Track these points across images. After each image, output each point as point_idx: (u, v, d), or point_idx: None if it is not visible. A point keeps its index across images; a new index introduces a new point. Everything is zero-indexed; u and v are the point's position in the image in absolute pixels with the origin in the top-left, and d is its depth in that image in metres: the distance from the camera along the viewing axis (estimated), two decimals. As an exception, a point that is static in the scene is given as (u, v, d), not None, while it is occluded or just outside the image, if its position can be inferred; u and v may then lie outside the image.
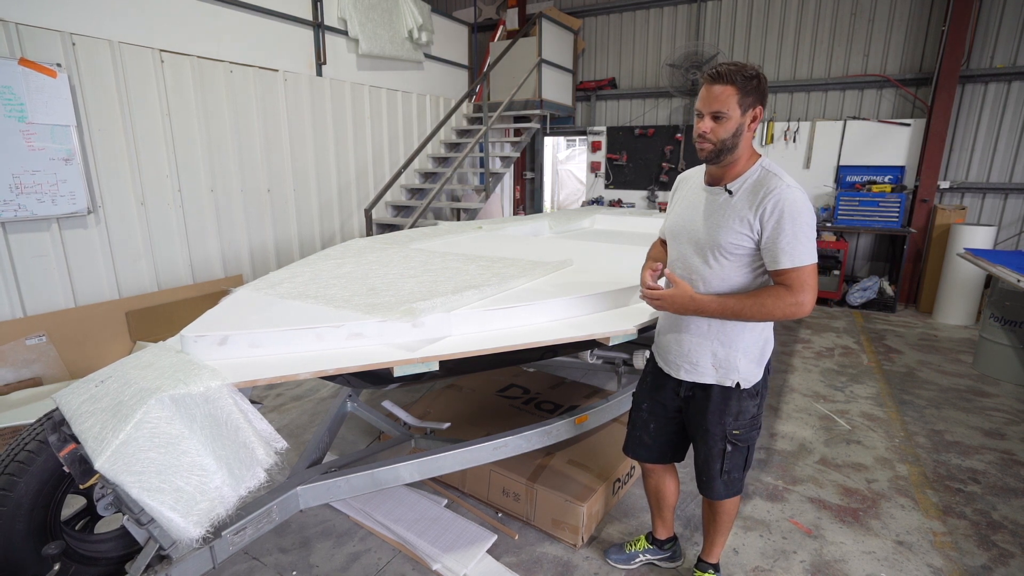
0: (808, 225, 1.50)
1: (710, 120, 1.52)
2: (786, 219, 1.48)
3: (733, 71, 1.48)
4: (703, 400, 1.78)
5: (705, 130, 1.53)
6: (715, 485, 1.84)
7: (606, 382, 3.76)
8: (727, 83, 1.48)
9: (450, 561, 2.20)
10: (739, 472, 1.84)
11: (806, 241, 1.49)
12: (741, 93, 1.49)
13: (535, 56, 6.88)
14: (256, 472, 1.46)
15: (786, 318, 1.52)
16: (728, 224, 1.57)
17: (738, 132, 1.52)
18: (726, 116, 1.50)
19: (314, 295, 2.03)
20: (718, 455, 1.79)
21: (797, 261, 1.49)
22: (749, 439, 1.80)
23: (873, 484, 2.81)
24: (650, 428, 1.97)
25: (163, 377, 1.47)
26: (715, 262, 1.62)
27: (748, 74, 1.49)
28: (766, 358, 1.76)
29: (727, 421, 1.75)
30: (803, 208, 1.49)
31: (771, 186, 1.52)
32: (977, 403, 3.77)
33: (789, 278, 1.51)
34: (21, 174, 3.43)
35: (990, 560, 2.28)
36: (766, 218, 1.51)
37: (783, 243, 1.49)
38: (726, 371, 1.71)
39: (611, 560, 2.23)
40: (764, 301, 1.52)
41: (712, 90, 1.51)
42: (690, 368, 1.76)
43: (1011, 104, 5.73)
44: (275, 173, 5.17)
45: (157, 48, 4.14)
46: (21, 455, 1.63)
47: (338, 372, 1.60)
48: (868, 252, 6.80)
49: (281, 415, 3.54)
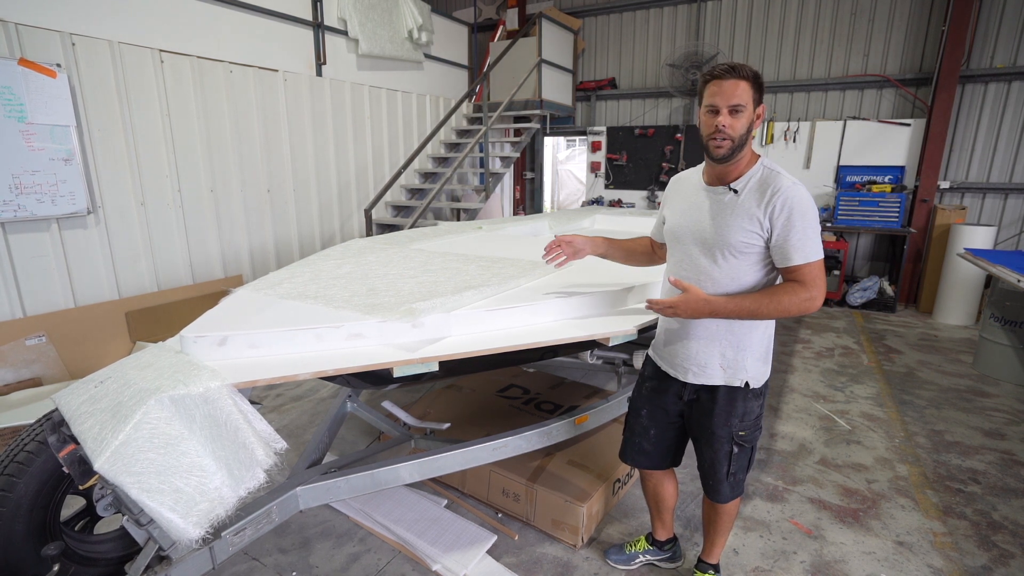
0: (815, 221, 1.53)
1: (728, 115, 1.52)
2: (796, 217, 1.51)
3: (748, 68, 1.53)
4: (708, 403, 1.76)
5: (725, 124, 1.52)
6: (722, 488, 1.84)
7: (606, 382, 3.75)
8: (742, 77, 1.52)
9: (450, 562, 2.20)
10: (743, 473, 1.84)
11: (814, 237, 1.52)
12: (754, 89, 1.54)
13: (535, 56, 6.88)
14: (256, 473, 1.45)
15: (800, 313, 1.54)
16: (738, 223, 1.58)
17: (750, 127, 1.56)
18: (743, 109, 1.52)
19: (314, 295, 2.02)
20: (724, 458, 1.78)
21: (809, 257, 1.52)
22: (753, 439, 1.80)
23: (873, 484, 2.81)
24: (650, 434, 1.95)
25: (162, 378, 1.47)
26: (724, 261, 1.62)
27: (755, 71, 1.55)
28: (771, 356, 1.77)
29: (733, 423, 1.74)
30: (809, 205, 1.53)
31: (778, 184, 1.54)
32: (977, 403, 3.77)
33: (801, 274, 1.53)
34: (21, 174, 3.43)
35: (990, 560, 2.27)
36: (776, 216, 1.53)
37: (794, 240, 1.51)
38: (734, 371, 1.71)
39: (611, 560, 2.23)
40: (780, 298, 1.53)
41: (728, 84, 1.52)
42: (698, 371, 1.74)
43: (1011, 104, 5.73)
44: (275, 173, 5.17)
45: (157, 48, 4.14)
46: (20, 456, 1.63)
47: (337, 373, 1.60)
48: (868, 252, 6.80)
49: (281, 415, 3.54)
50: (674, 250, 1.80)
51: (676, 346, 1.79)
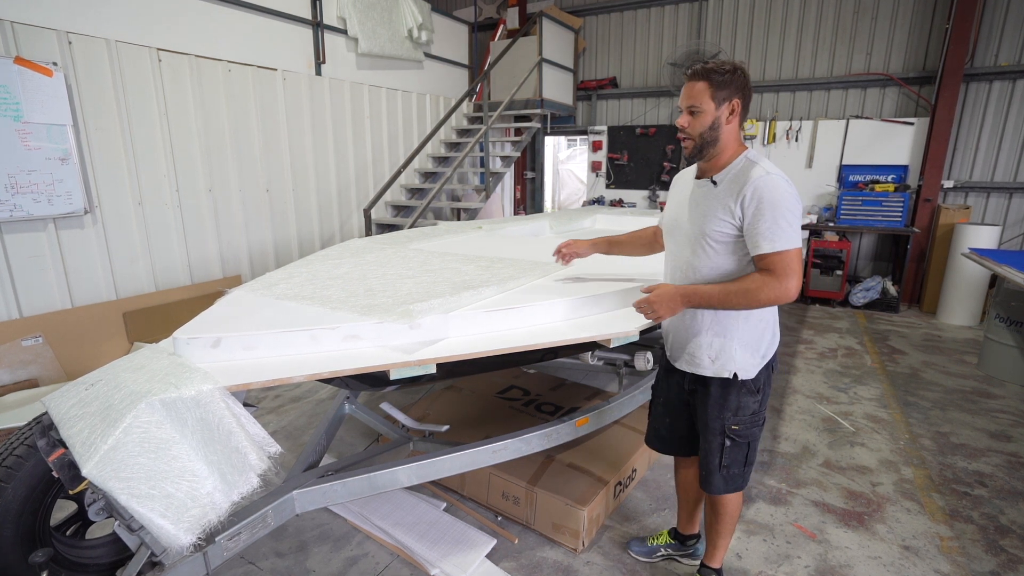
0: (789, 210, 1.52)
1: (688, 115, 1.63)
2: (765, 205, 1.52)
3: (707, 69, 1.59)
4: (703, 395, 1.81)
5: (683, 124, 1.64)
6: (713, 479, 1.84)
7: (607, 384, 3.72)
8: (699, 79, 1.59)
9: (449, 566, 2.17)
10: (739, 468, 1.83)
11: (786, 226, 1.51)
12: (714, 88, 1.58)
13: (536, 55, 6.85)
14: (249, 477, 1.42)
15: (771, 303, 1.55)
16: (712, 213, 1.62)
17: (715, 125, 1.61)
18: (700, 110, 1.60)
19: (310, 296, 1.99)
20: (716, 449, 1.81)
21: (778, 245, 1.51)
22: (750, 435, 1.80)
23: (878, 487, 2.77)
24: (666, 422, 2.02)
25: (154, 380, 1.44)
26: (702, 251, 1.67)
27: (722, 70, 1.58)
28: (765, 349, 1.75)
29: (726, 416, 1.77)
30: (783, 194, 1.52)
31: (751, 174, 1.57)
32: (983, 405, 3.73)
33: (771, 263, 1.53)
34: (17, 174, 3.40)
35: (998, 566, 2.24)
36: (746, 204, 1.55)
37: (763, 228, 1.52)
38: (723, 363, 1.73)
39: (633, 552, 2.27)
40: (748, 286, 1.55)
41: (687, 86, 1.62)
42: (689, 359, 1.80)
43: (1016, 102, 5.68)
44: (274, 173, 5.14)
45: (155, 47, 4.11)
46: (9, 460, 1.60)
47: (333, 375, 1.56)
48: (871, 252, 6.76)
49: (279, 417, 3.51)
50: (668, 243, 1.88)
51: (672, 335, 1.87)
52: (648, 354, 2.80)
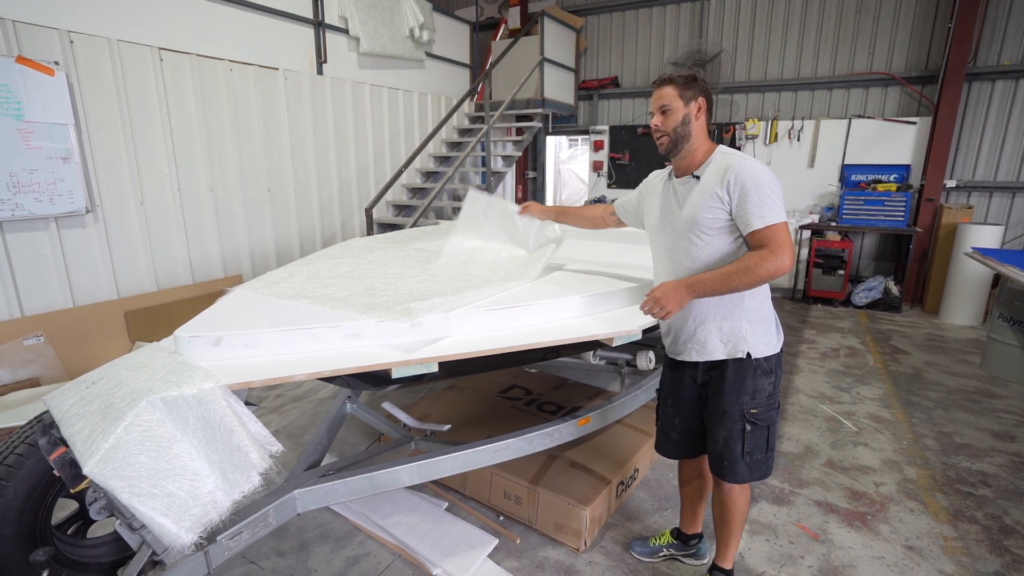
0: (771, 188, 1.63)
1: (660, 114, 1.79)
2: (749, 186, 1.63)
3: (671, 76, 1.78)
4: (719, 381, 1.82)
5: (657, 124, 1.80)
6: (738, 468, 1.83)
7: (609, 383, 3.71)
8: (666, 84, 1.77)
9: (451, 566, 2.16)
10: (762, 453, 1.82)
11: (772, 204, 1.62)
12: (680, 88, 1.76)
13: (537, 55, 6.84)
14: (250, 476, 1.41)
15: (771, 277, 1.61)
16: (703, 202, 1.72)
17: (686, 120, 1.76)
18: (671, 108, 1.76)
19: (311, 295, 1.99)
20: (738, 435, 1.80)
21: (768, 220, 1.61)
22: (768, 419, 1.80)
23: (881, 487, 2.76)
24: (675, 424, 2.01)
25: (155, 379, 1.43)
26: (698, 239, 1.75)
27: (684, 75, 1.77)
28: (774, 323, 1.82)
29: (744, 400, 1.78)
30: (763, 175, 1.64)
31: (730, 162, 1.70)
32: (986, 404, 3.72)
33: (764, 237, 1.61)
34: (19, 173, 3.40)
35: (1003, 566, 2.23)
36: (732, 188, 1.66)
37: (751, 206, 1.62)
38: (735, 344, 1.77)
39: (635, 552, 2.26)
40: (747, 264, 1.62)
41: (657, 91, 1.80)
42: (700, 348, 1.82)
43: (1019, 102, 5.66)
44: (275, 172, 5.14)
45: (156, 46, 4.11)
46: (10, 459, 1.59)
47: (334, 374, 1.56)
48: (873, 252, 6.74)
49: (281, 416, 3.51)
50: (656, 245, 1.93)
51: (677, 330, 1.89)
52: (650, 353, 2.79)
